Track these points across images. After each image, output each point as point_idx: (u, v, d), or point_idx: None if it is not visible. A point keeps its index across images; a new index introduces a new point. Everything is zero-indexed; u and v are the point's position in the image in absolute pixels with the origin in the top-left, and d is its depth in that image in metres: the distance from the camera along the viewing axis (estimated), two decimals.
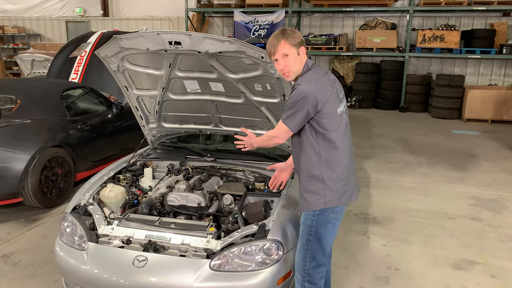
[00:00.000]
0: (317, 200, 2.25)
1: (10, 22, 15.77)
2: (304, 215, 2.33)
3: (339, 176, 2.26)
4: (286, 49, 2.18)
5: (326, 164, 2.24)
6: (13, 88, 5.17)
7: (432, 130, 8.83)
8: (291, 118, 2.17)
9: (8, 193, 4.17)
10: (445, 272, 3.42)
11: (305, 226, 2.31)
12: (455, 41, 10.26)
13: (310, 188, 2.27)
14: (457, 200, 4.97)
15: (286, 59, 2.20)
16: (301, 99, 2.14)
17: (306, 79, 2.21)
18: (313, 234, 2.28)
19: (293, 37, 2.18)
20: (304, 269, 2.32)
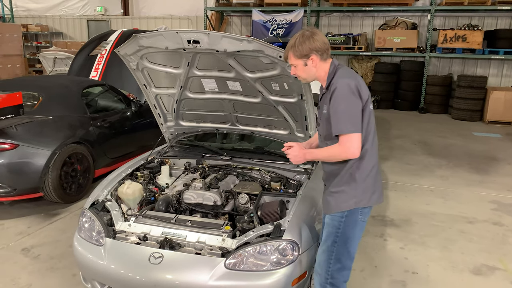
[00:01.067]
0: (348, 200, 2.21)
1: (34, 20, 16.14)
2: (331, 217, 2.28)
3: (369, 175, 2.23)
4: (292, 61, 2.22)
5: (358, 163, 2.19)
6: (36, 85, 5.29)
7: (452, 132, 8.66)
8: (353, 122, 2.09)
9: (29, 188, 4.27)
10: (464, 278, 3.35)
11: (331, 227, 2.27)
12: (478, 41, 10.03)
13: (341, 188, 2.23)
14: (477, 204, 4.86)
15: (295, 68, 2.24)
16: (349, 95, 2.08)
17: (341, 76, 2.16)
18: (340, 235, 2.24)
19: (299, 50, 2.16)
20: (327, 271, 2.29)
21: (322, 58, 2.20)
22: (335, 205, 2.25)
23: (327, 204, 2.31)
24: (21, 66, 11.89)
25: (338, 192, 2.24)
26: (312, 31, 2.18)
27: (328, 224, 2.30)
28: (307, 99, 2.76)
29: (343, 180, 2.23)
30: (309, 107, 2.82)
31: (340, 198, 2.23)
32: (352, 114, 2.10)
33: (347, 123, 2.09)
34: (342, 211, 2.22)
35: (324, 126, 2.28)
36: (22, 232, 4.01)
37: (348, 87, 2.10)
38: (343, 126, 2.09)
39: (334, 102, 2.12)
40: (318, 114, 2.36)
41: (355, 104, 2.11)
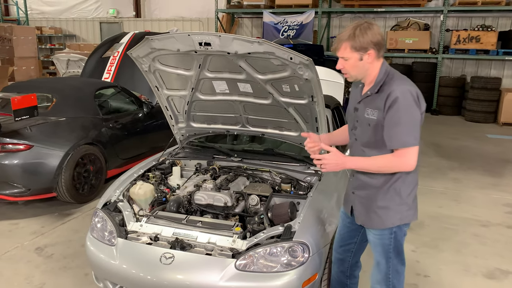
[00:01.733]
0: (394, 216, 2.12)
1: (48, 23, 16.40)
2: (379, 236, 2.19)
3: (414, 190, 2.14)
4: (346, 53, 2.01)
5: (405, 177, 2.08)
6: (50, 87, 5.37)
7: (465, 134, 8.55)
8: (415, 134, 1.96)
9: (43, 188, 4.34)
10: (477, 281, 3.30)
11: (381, 246, 2.19)
12: (492, 42, 9.91)
13: (385, 204, 2.12)
14: (491, 207, 4.79)
15: (344, 62, 2.05)
16: (412, 105, 1.94)
17: (400, 81, 2.00)
18: (392, 250, 2.18)
19: (358, 40, 1.97)
20: (388, 285, 2.24)
21: (378, 55, 2.03)
22: (379, 222, 2.16)
23: (368, 220, 2.20)
24: (36, 68, 12.09)
25: (382, 208, 2.13)
26: (370, 22, 2.01)
27: (376, 244, 2.22)
28: (318, 101, 2.75)
29: (388, 196, 2.11)
30: (320, 108, 2.81)
31: (385, 215, 2.13)
32: (415, 125, 1.96)
33: (410, 136, 1.95)
34: (390, 227, 2.14)
35: (366, 132, 2.12)
36: (36, 231, 4.08)
37: (411, 96, 1.96)
38: (407, 139, 1.95)
39: (396, 112, 1.95)
40: (355, 117, 2.21)
41: (417, 114, 1.97)
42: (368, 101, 2.11)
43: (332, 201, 2.87)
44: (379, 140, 2.07)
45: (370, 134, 2.10)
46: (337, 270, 2.56)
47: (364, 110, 2.12)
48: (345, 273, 2.55)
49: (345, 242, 2.49)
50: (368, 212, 2.20)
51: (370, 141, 2.12)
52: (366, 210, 2.21)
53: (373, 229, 2.22)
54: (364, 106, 2.13)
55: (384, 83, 2.04)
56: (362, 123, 2.14)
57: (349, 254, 2.50)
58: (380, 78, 2.05)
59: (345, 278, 2.57)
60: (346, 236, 2.48)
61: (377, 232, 2.20)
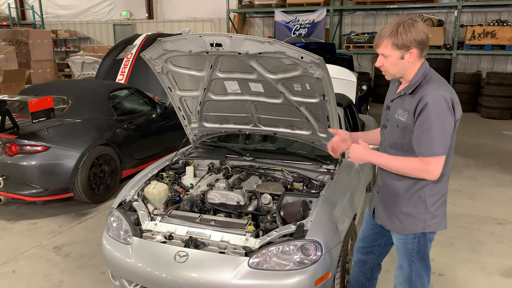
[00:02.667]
0: (416, 224, 2.07)
1: (63, 26, 16.69)
2: (403, 239, 2.15)
3: (441, 200, 2.08)
4: (387, 50, 1.92)
5: (432, 186, 2.03)
6: (65, 89, 5.47)
7: (481, 131, 8.42)
8: (445, 143, 1.89)
9: (60, 188, 4.43)
10: (493, 280, 3.26)
11: (404, 250, 2.15)
12: (508, 37, 9.73)
13: (407, 210, 2.08)
14: (507, 204, 4.71)
15: (384, 59, 1.97)
16: (445, 112, 1.86)
17: (436, 85, 1.91)
18: (416, 255, 2.14)
19: (400, 37, 1.88)
20: (410, 285, 2.20)
21: (421, 54, 1.94)
22: (401, 227, 2.12)
23: (390, 222, 2.17)
24: (51, 71, 12.32)
25: (404, 214, 2.09)
26: (415, 19, 1.91)
27: (400, 247, 2.18)
28: (329, 99, 2.75)
29: (411, 202, 2.05)
30: (332, 107, 2.81)
31: (407, 221, 2.08)
32: (445, 134, 1.88)
33: (440, 145, 1.88)
34: (413, 233, 2.11)
35: (394, 133, 2.07)
36: (53, 231, 4.17)
37: (445, 103, 1.86)
38: (436, 148, 1.88)
39: (427, 118, 1.88)
40: (386, 115, 2.16)
41: (449, 123, 1.88)
42: (400, 101, 2.04)
43: (344, 199, 2.87)
44: (405, 143, 2.01)
45: (398, 135, 2.05)
46: (358, 271, 2.53)
47: (395, 110, 2.06)
48: (366, 274, 2.52)
49: (368, 244, 2.45)
50: (389, 215, 2.17)
51: (397, 142, 2.06)
52: (387, 212, 2.18)
53: (398, 233, 2.17)
54: (396, 105, 2.07)
55: (419, 85, 1.95)
56: (392, 123, 2.08)
57: (371, 256, 2.47)
58: (417, 79, 1.96)
59: (365, 279, 2.54)
60: (369, 238, 2.43)
61: (400, 236, 2.16)
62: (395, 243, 2.23)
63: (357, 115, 4.48)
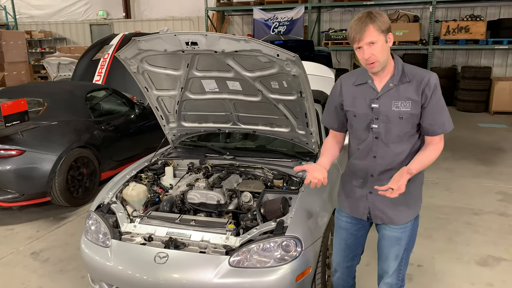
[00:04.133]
0: (418, 208, 2.19)
1: (37, 27, 16.29)
2: (402, 228, 2.15)
3: None
4: (374, 36, 1.89)
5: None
6: (40, 91, 5.36)
7: (457, 124, 8.58)
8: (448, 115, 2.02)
9: (37, 193, 4.34)
10: (470, 269, 3.35)
11: (404, 239, 2.17)
12: (481, 31, 9.96)
13: (415, 194, 2.15)
14: (483, 195, 4.84)
15: (373, 47, 1.90)
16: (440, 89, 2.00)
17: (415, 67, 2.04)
18: (409, 242, 2.19)
19: (381, 21, 1.89)
20: (398, 277, 2.24)
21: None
22: (409, 214, 2.15)
23: (398, 215, 2.14)
24: (26, 73, 12.03)
25: (412, 200, 2.14)
26: (378, 11, 1.97)
27: (399, 238, 2.16)
28: (306, 96, 2.77)
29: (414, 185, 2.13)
30: (309, 104, 2.83)
31: (416, 205, 2.17)
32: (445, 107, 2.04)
33: (449, 118, 2.03)
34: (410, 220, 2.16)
35: (397, 126, 2.01)
36: (31, 236, 4.08)
37: (438, 81, 2.00)
38: (448, 123, 2.02)
39: (440, 97, 1.99)
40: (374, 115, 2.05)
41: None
42: (394, 93, 1.99)
43: (324, 194, 2.89)
44: (409, 131, 2.03)
45: (403, 127, 2.00)
46: (346, 278, 2.49)
47: (390, 103, 2.00)
48: (352, 274, 2.52)
49: (353, 250, 2.39)
50: (396, 207, 2.12)
51: (401, 134, 2.03)
52: (394, 206, 2.11)
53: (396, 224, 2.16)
54: (388, 99, 2.00)
55: (405, 71, 2.00)
56: (391, 117, 2.01)
57: (356, 259, 2.46)
58: (400, 67, 2.01)
59: (352, 280, 2.54)
60: (353, 244, 2.37)
61: (401, 226, 2.15)
62: (391, 236, 2.17)
63: None
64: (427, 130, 2.03)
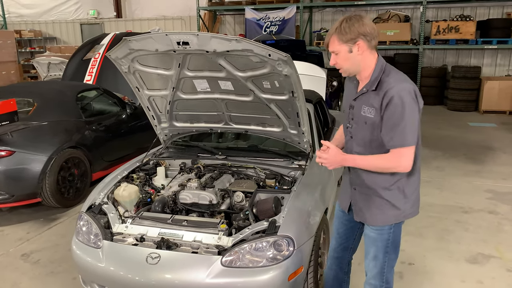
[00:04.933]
0: (398, 214, 2.11)
1: (27, 26, 16.11)
2: (378, 231, 2.16)
3: (417, 189, 2.15)
4: (335, 46, 1.98)
5: (408, 177, 2.07)
6: (30, 91, 5.30)
7: (448, 123, 8.70)
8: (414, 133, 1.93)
9: (27, 194, 4.29)
10: (460, 267, 3.38)
11: (380, 241, 2.17)
12: (471, 31, 10.06)
13: (389, 202, 2.10)
14: (473, 193, 4.90)
15: (336, 56, 2.01)
16: (412, 103, 1.91)
17: (398, 78, 1.97)
18: (390, 245, 2.17)
19: (344, 33, 1.94)
20: (382, 278, 2.23)
21: (369, 45, 1.98)
22: (381, 218, 2.14)
23: (371, 216, 2.17)
24: (16, 73, 11.90)
25: (387, 205, 2.11)
26: (360, 15, 1.99)
27: (375, 239, 2.18)
28: (298, 96, 2.78)
29: (391, 192, 2.09)
30: (301, 103, 2.84)
31: (389, 212, 2.11)
32: (413, 124, 1.93)
33: (409, 135, 1.92)
34: (389, 224, 2.14)
35: (363, 130, 2.08)
36: (21, 238, 4.04)
37: (409, 94, 1.91)
38: (406, 138, 1.92)
39: (394, 112, 1.92)
40: (350, 114, 2.15)
41: (415, 113, 1.93)
42: (364, 99, 2.05)
43: (316, 194, 2.90)
44: (374, 139, 2.04)
45: (366, 132, 2.06)
46: (336, 268, 2.52)
47: (360, 107, 2.07)
48: (344, 269, 2.54)
49: (344, 240, 2.44)
50: (370, 208, 2.16)
51: (366, 139, 2.08)
52: (368, 206, 2.17)
53: (373, 226, 2.18)
54: (360, 103, 2.07)
55: (380, 80, 2.00)
56: (359, 120, 2.09)
57: (347, 251, 2.48)
58: (377, 74, 2.01)
59: (343, 274, 2.55)
60: (344, 234, 2.42)
61: (378, 227, 2.17)
62: (369, 236, 2.22)
63: (327, 111, 4.54)
64: (383, 140, 2.01)
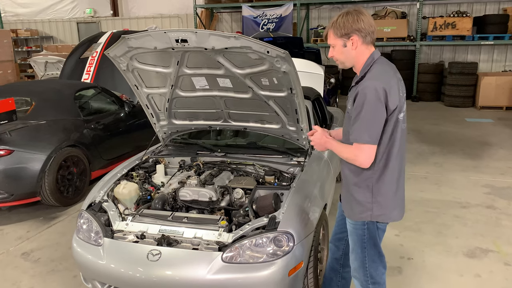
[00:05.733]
0: (363, 212, 2.14)
1: (23, 25, 16.06)
2: (353, 225, 2.22)
3: (389, 190, 2.11)
4: (331, 40, 2.08)
5: (378, 176, 2.08)
6: (28, 91, 5.30)
7: (445, 119, 8.73)
8: (370, 132, 1.96)
9: (26, 193, 4.29)
10: (458, 261, 3.41)
11: (356, 236, 2.22)
12: (467, 27, 10.10)
13: (357, 197, 2.14)
14: (471, 188, 4.93)
15: (333, 49, 2.10)
16: (374, 102, 1.93)
17: (373, 75, 1.99)
18: (367, 241, 2.20)
19: (340, 28, 2.01)
20: (365, 274, 2.25)
21: (364, 41, 2.02)
22: (351, 213, 2.19)
23: (346, 209, 2.24)
24: (13, 72, 11.85)
25: (355, 201, 2.15)
26: (358, 10, 2.03)
27: (352, 232, 2.24)
28: (296, 93, 2.79)
29: (360, 190, 2.13)
30: (299, 100, 2.85)
31: (356, 208, 2.15)
32: (372, 123, 1.96)
33: (365, 133, 1.96)
34: (362, 220, 2.16)
35: (347, 121, 2.17)
36: (21, 236, 4.04)
37: (375, 92, 1.93)
38: (361, 135, 1.97)
39: (357, 106, 1.98)
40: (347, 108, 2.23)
41: (378, 112, 1.95)
42: (352, 92, 2.11)
43: (315, 190, 2.92)
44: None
45: (347, 123, 2.15)
46: (331, 257, 2.58)
47: (348, 100, 2.16)
48: (339, 260, 2.57)
49: (340, 230, 2.50)
50: (347, 201, 2.24)
51: (345, 130, 2.19)
52: (345, 199, 2.25)
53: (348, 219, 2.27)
54: (350, 96, 2.15)
55: (364, 75, 2.03)
56: (347, 114, 2.19)
57: (342, 242, 2.51)
58: (363, 70, 2.05)
59: (338, 265, 2.58)
60: (340, 224, 2.49)
61: (352, 221, 2.23)
62: (348, 228, 2.29)
63: (325, 108, 4.55)
64: None
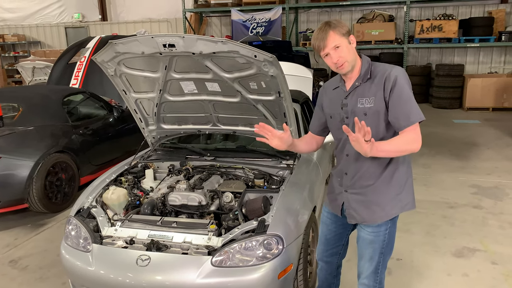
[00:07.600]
0: (396, 205, 2.09)
1: (10, 30, 15.89)
2: (374, 232, 2.14)
3: (411, 176, 2.17)
4: (336, 39, 2.01)
5: (403, 164, 2.09)
6: (15, 96, 5.25)
7: (433, 121, 8.84)
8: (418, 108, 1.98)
9: (14, 200, 4.25)
10: (446, 261, 3.45)
11: (377, 243, 2.14)
12: (454, 30, 10.24)
13: (388, 194, 2.08)
14: (458, 189, 4.99)
15: (339, 51, 2.03)
16: (409, 83, 2.02)
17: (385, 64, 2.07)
18: (386, 245, 2.15)
19: (340, 27, 2.02)
20: (376, 279, 2.22)
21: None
22: (373, 217, 2.12)
23: (371, 214, 2.13)
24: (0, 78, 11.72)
25: (386, 199, 2.09)
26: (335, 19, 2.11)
27: (371, 241, 2.16)
28: (285, 96, 2.81)
29: (390, 186, 2.08)
30: (288, 103, 2.87)
31: (389, 205, 2.09)
32: (415, 101, 2.01)
33: (417, 110, 1.98)
34: (387, 220, 2.11)
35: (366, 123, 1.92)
36: (9, 244, 3.99)
37: (404, 74, 2.02)
38: (416, 113, 1.97)
39: (403, 89, 1.98)
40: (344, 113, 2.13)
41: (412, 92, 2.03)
42: (358, 92, 2.08)
43: (304, 192, 2.94)
44: (380, 130, 2.06)
45: (369, 123, 1.94)
46: (325, 273, 2.54)
47: (356, 102, 2.08)
48: (333, 273, 2.56)
49: (332, 246, 2.44)
50: (368, 207, 2.13)
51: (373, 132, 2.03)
52: (366, 205, 2.14)
53: (369, 227, 2.16)
54: (355, 98, 2.09)
55: (371, 70, 2.07)
56: (356, 114, 2.05)
57: (336, 256, 2.48)
58: (366, 67, 2.09)
59: (332, 278, 2.57)
60: (332, 240, 2.42)
61: (374, 229, 2.15)
62: (365, 238, 2.19)
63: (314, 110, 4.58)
64: (394, 124, 2.03)
